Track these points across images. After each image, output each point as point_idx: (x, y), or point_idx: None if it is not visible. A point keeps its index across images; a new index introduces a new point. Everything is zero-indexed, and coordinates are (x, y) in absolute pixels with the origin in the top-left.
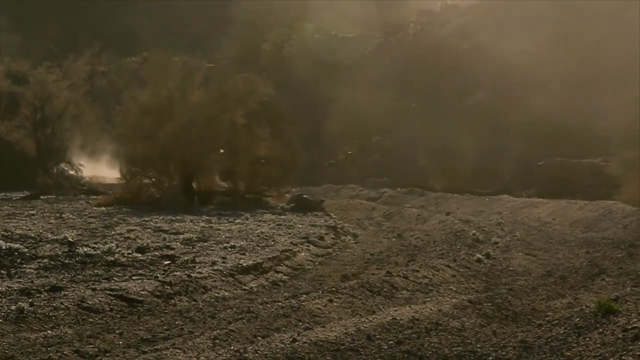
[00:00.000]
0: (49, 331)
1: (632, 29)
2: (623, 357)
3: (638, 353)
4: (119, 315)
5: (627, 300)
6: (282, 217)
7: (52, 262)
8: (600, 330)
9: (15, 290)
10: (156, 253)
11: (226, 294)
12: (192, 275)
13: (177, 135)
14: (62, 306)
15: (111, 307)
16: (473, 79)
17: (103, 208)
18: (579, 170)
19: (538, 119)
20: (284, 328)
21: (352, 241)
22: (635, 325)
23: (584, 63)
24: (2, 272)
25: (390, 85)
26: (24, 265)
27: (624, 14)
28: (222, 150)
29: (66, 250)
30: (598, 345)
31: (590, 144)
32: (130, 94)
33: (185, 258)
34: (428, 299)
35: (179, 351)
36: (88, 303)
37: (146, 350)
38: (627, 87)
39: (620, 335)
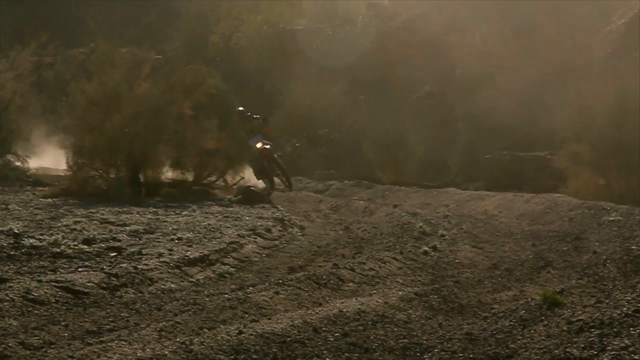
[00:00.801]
0: None
1: (580, 24)
2: (567, 349)
3: (582, 345)
4: (64, 307)
5: (572, 292)
6: (230, 209)
7: None
8: (545, 322)
9: None
10: (102, 245)
11: (172, 286)
12: (139, 267)
13: (124, 127)
14: (7, 298)
15: (57, 299)
16: (421, 72)
17: (49, 200)
18: (525, 164)
19: (486, 112)
20: (230, 320)
21: (299, 233)
22: (580, 317)
23: (532, 57)
24: None
25: (339, 77)
26: None
27: (573, 9)
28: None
29: (12, 241)
30: (543, 337)
31: (537, 138)
32: (77, 85)
33: (132, 250)
34: (374, 291)
35: (124, 343)
36: (33, 295)
37: (91, 342)
38: (573, 82)
39: (565, 328)
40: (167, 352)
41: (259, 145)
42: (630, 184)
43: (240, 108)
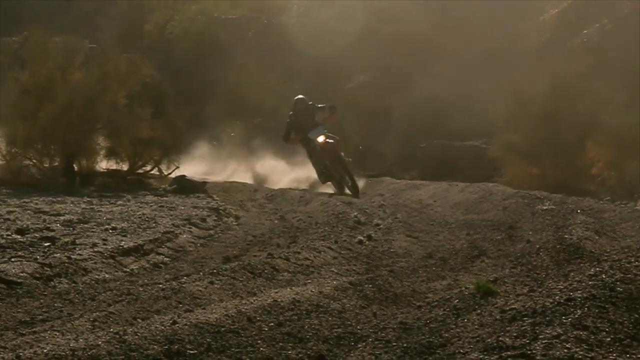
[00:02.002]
0: None
1: (513, 13)
2: (500, 338)
3: (515, 334)
4: None
5: (506, 281)
6: (164, 198)
7: None
8: (479, 311)
9: None
10: (36, 235)
11: (106, 276)
12: (73, 257)
13: (58, 116)
14: None
15: None
16: (356, 61)
17: None
18: (460, 153)
19: (421, 101)
20: (164, 310)
21: (234, 223)
22: (513, 306)
23: (467, 46)
24: None
25: (274, 67)
26: None
27: None
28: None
29: None
30: (476, 326)
31: (472, 127)
32: (10, 74)
33: (66, 240)
34: (309, 281)
35: (57, 333)
36: None
37: (24, 332)
38: (508, 71)
39: (498, 317)
40: (100, 342)
41: (321, 139)
42: (564, 173)
43: (300, 96)
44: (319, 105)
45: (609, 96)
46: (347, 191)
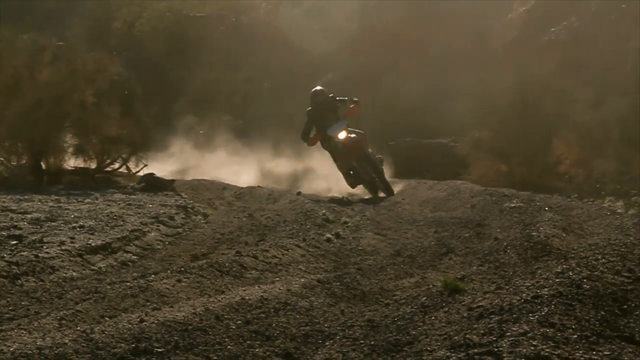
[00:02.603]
0: None
1: (481, 11)
2: (467, 336)
3: (482, 331)
4: None
5: (473, 279)
6: (133, 196)
7: None
8: (446, 309)
9: None
10: (3, 233)
11: (74, 274)
12: (40, 255)
13: (25, 114)
14: None
15: None
16: (325, 59)
17: None
18: (429, 150)
19: (389, 99)
20: (131, 308)
21: (202, 221)
22: (480, 303)
23: (435, 44)
24: None
25: (243, 64)
26: None
27: None
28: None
29: None
30: (443, 323)
31: (441, 124)
32: None
33: (33, 238)
34: (277, 279)
35: (24, 332)
36: None
37: None
38: (476, 69)
39: (465, 314)
40: (67, 340)
41: (342, 135)
42: (531, 171)
43: (319, 88)
44: (340, 98)
45: (576, 94)
46: (381, 193)
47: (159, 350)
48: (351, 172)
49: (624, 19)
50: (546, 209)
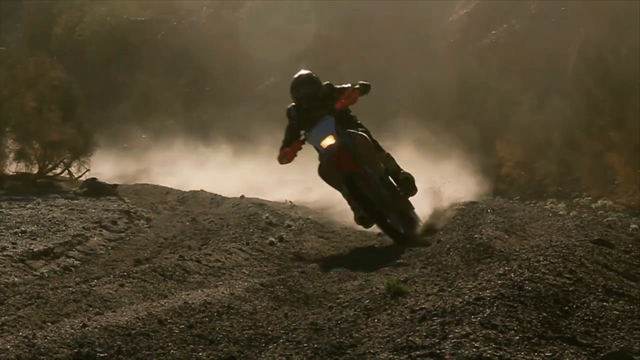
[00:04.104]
0: None
1: (421, 14)
2: (410, 338)
3: (425, 333)
4: None
5: (416, 281)
6: (75, 201)
7: None
8: (389, 311)
9: None
10: None
11: (16, 279)
12: None
13: None
14: None
15: None
16: (267, 63)
17: None
18: None
19: None
20: (74, 313)
21: (145, 225)
22: (423, 306)
23: (376, 48)
24: None
25: (184, 68)
26: None
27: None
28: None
29: None
30: (386, 326)
31: (382, 127)
32: None
33: None
34: (220, 283)
35: None
36: None
37: None
38: (417, 72)
39: (408, 317)
40: (9, 346)
41: (328, 141)
42: None
43: (303, 73)
44: (340, 87)
45: (517, 97)
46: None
47: (102, 355)
48: (352, 198)
49: (564, 21)
50: (488, 211)
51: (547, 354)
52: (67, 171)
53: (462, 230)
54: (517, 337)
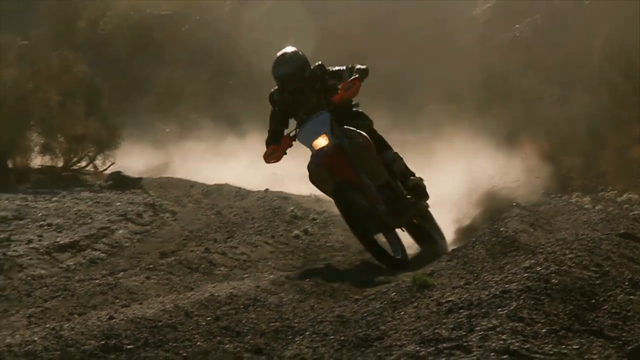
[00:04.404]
0: None
1: (444, 8)
2: (437, 330)
3: (451, 326)
4: None
5: (442, 274)
6: (100, 194)
7: None
8: (415, 304)
9: None
10: None
11: (42, 272)
12: (8, 253)
13: None
14: None
15: None
16: None
17: None
18: None
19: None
20: (100, 305)
21: (170, 218)
22: (449, 299)
23: (398, 42)
24: None
25: (207, 62)
26: None
27: None
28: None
29: None
30: (413, 319)
31: (403, 121)
32: None
33: (1, 236)
34: (246, 275)
35: None
36: None
37: None
38: (440, 67)
39: (434, 309)
40: (36, 338)
41: (322, 142)
42: None
43: (289, 50)
44: (336, 69)
45: (541, 91)
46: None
47: (129, 347)
48: (349, 212)
49: (588, 15)
50: (514, 204)
51: (574, 346)
52: (92, 164)
53: (487, 223)
54: (544, 330)
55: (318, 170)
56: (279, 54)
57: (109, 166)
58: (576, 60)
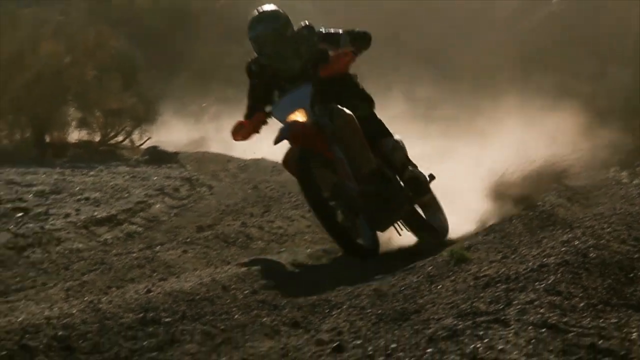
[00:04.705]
0: None
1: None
2: (474, 304)
3: (489, 300)
4: None
5: (479, 248)
6: (137, 169)
7: None
8: (453, 278)
9: None
10: (8, 205)
11: (80, 245)
12: (46, 227)
13: (27, 88)
14: None
15: None
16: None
17: None
18: None
19: (390, 71)
20: (138, 279)
21: (207, 192)
22: (487, 272)
23: (438, 17)
24: None
25: (243, 38)
26: None
27: None
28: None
29: None
30: (450, 292)
31: (439, 97)
32: None
33: (39, 210)
34: (283, 249)
35: (31, 302)
36: None
37: None
38: (478, 41)
39: (471, 283)
40: (75, 310)
41: (296, 117)
42: None
43: (267, 8)
44: (326, 31)
45: (578, 65)
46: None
47: (167, 320)
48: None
49: None
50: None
51: (612, 320)
52: (128, 139)
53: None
54: (582, 304)
55: (290, 152)
56: (254, 12)
57: (145, 141)
58: (614, 33)
